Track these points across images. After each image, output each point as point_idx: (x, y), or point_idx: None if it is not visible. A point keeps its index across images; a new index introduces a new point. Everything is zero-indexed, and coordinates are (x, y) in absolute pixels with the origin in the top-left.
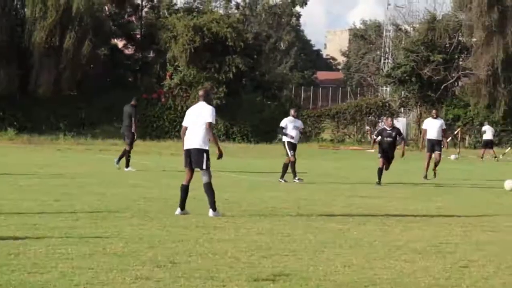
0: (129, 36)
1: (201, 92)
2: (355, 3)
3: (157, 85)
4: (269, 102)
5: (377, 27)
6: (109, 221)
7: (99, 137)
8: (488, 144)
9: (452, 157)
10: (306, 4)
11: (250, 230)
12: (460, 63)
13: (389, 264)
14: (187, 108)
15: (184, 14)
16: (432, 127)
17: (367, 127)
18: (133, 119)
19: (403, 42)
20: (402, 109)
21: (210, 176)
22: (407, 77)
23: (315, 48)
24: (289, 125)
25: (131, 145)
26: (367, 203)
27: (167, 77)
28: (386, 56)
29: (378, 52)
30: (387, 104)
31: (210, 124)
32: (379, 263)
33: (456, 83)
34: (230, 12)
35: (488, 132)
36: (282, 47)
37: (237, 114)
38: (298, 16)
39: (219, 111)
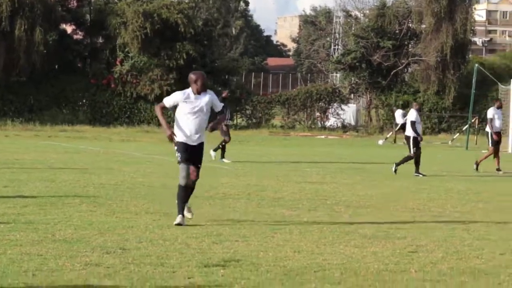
0: (78, 21)
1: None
2: None
3: (106, 71)
4: (219, 88)
5: (327, 13)
6: (58, 207)
7: (47, 123)
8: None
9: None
10: None
11: (200, 216)
12: (410, 49)
13: (338, 250)
14: (137, 94)
15: (134, 0)
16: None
17: (317, 114)
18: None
19: (353, 29)
20: (352, 95)
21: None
22: (357, 64)
23: (265, 34)
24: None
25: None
26: (317, 189)
27: (117, 63)
28: (336, 42)
29: (328, 39)
30: (337, 91)
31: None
32: (328, 248)
33: (406, 69)
34: None
35: (397, 115)
36: (233, 33)
37: None
38: (247, 2)
39: None
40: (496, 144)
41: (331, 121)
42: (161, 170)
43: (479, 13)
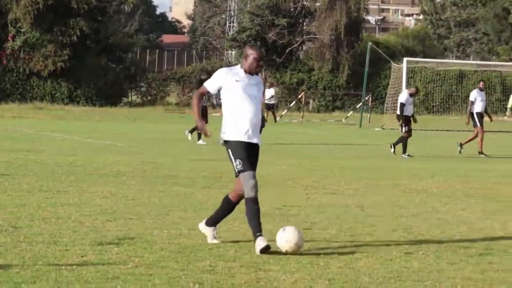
0: None
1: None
2: None
3: None
4: (113, 65)
5: None
6: None
7: None
8: (270, 107)
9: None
10: None
11: (94, 194)
12: (305, 27)
13: (232, 227)
14: (30, 71)
15: None
16: None
17: None
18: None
19: (248, 6)
20: None
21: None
22: (252, 41)
23: (160, 11)
24: None
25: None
26: (212, 167)
27: (9, 39)
28: (232, 19)
29: (224, 16)
30: None
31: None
32: (223, 226)
33: (300, 47)
34: None
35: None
36: (128, 9)
37: (81, 77)
38: None
39: (63, 74)
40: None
41: None
42: (54, 147)
43: None
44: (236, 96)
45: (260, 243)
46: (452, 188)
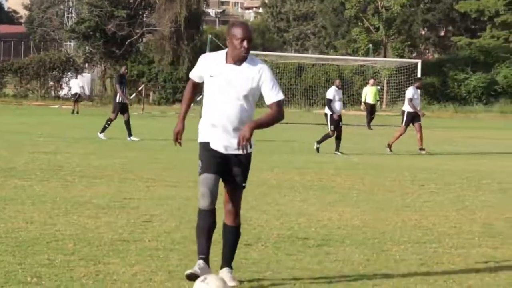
0: None
1: None
2: None
3: None
4: None
5: None
6: None
7: None
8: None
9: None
10: None
11: None
12: (144, 19)
13: (72, 220)
14: None
15: None
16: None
17: (51, 83)
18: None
19: None
20: (86, 64)
21: None
22: (91, 33)
23: None
24: None
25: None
26: (50, 159)
27: None
28: (70, 10)
29: (62, 7)
30: (71, 60)
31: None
32: (62, 219)
33: (140, 39)
34: None
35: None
36: None
37: None
38: None
39: None
40: (408, 124)
41: (65, 91)
42: None
43: None
44: (207, 93)
45: (194, 268)
46: (291, 180)
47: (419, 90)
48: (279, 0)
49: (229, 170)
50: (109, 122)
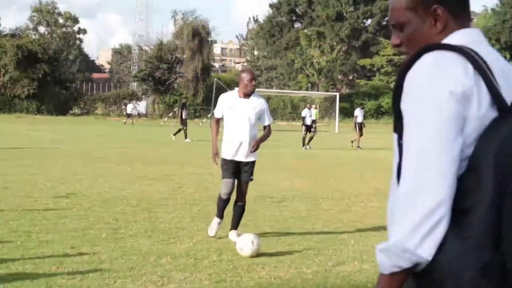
0: None
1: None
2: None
3: None
4: (63, 91)
5: (128, 47)
6: None
7: None
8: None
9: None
10: None
11: None
12: (177, 69)
13: (135, 187)
14: (13, 95)
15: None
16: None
17: (123, 106)
18: (179, 111)
19: (143, 56)
20: (143, 96)
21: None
22: (146, 77)
23: (91, 59)
24: None
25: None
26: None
27: (0, 76)
28: (134, 64)
29: (129, 62)
30: (134, 93)
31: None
32: (129, 186)
33: (175, 81)
34: None
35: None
36: (71, 58)
37: (44, 99)
38: (81, 39)
39: (34, 97)
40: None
41: (129, 110)
42: None
43: (217, 48)
44: (228, 120)
45: (212, 223)
46: (272, 165)
47: (362, 110)
48: (256, 58)
49: (242, 171)
50: (183, 129)
